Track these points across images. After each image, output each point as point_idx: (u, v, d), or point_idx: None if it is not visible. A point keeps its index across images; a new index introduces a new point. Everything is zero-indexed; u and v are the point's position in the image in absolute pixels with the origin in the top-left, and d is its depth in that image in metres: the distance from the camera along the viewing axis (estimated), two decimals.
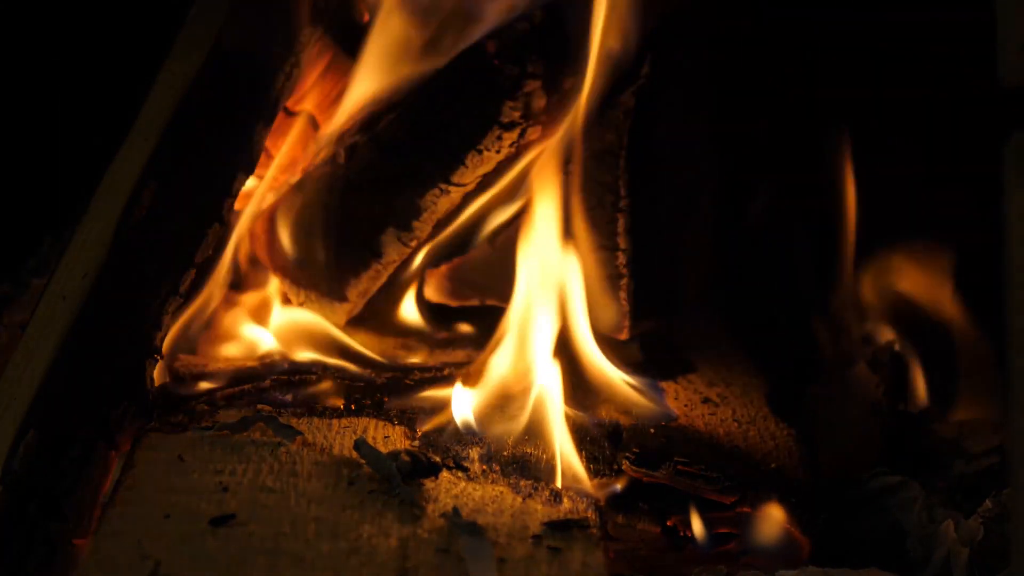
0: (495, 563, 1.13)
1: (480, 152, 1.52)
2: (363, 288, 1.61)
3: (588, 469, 1.37)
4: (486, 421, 1.40)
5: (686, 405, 1.53)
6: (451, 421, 1.41)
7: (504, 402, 1.43)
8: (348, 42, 1.57)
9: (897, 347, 1.68)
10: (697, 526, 1.34)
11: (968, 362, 1.73)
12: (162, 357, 1.42)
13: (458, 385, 1.44)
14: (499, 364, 1.47)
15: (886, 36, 1.77)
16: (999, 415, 1.67)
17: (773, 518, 1.35)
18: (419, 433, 1.41)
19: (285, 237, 1.62)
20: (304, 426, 1.38)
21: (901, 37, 1.77)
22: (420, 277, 1.66)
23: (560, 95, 1.53)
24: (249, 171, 1.46)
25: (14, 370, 1.37)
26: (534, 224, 1.53)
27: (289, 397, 1.49)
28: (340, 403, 1.48)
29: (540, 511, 1.24)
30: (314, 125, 1.62)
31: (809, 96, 1.82)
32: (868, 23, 1.77)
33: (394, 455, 1.27)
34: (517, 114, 1.51)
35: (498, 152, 1.53)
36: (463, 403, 1.41)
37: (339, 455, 1.32)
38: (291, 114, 1.59)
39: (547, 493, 1.28)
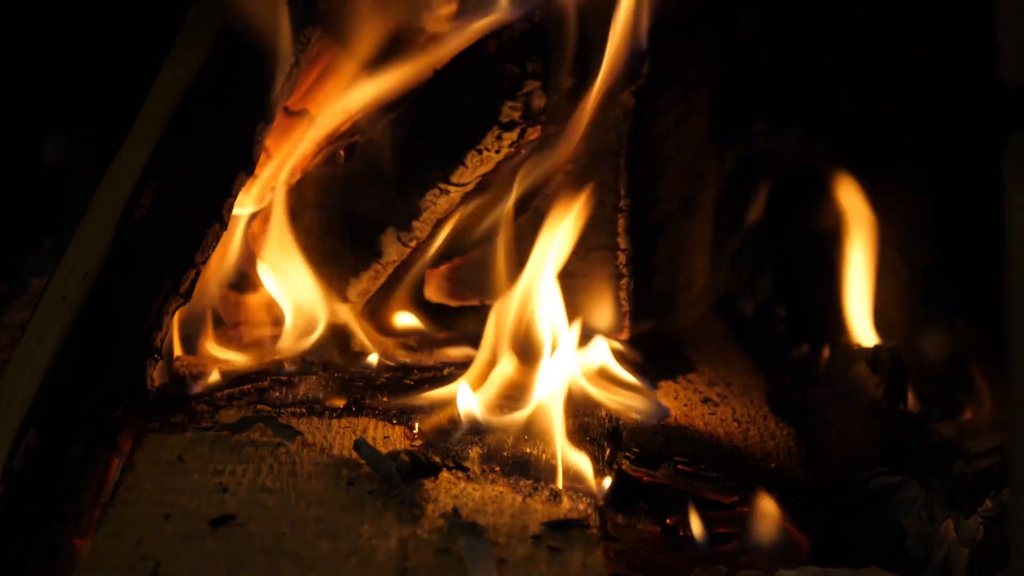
0: (495, 563, 1.13)
1: (480, 152, 1.52)
2: (363, 288, 1.61)
3: (588, 469, 1.37)
4: (488, 418, 1.41)
5: (686, 405, 1.52)
6: (452, 420, 1.41)
7: (506, 401, 1.44)
8: (348, 42, 1.57)
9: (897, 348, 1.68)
10: (696, 525, 1.34)
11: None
12: (162, 357, 1.42)
13: (462, 382, 1.44)
14: (501, 363, 1.48)
15: (885, 35, 1.77)
16: (1000, 415, 1.67)
17: (773, 518, 1.35)
18: (417, 432, 1.41)
19: (285, 237, 1.62)
20: (304, 426, 1.38)
21: (901, 36, 1.77)
22: (420, 277, 1.66)
23: (560, 95, 1.53)
24: (249, 171, 1.46)
25: (14, 370, 1.37)
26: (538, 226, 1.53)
27: (289, 397, 1.49)
28: (340, 403, 1.48)
29: (540, 511, 1.24)
30: (314, 125, 1.62)
31: (808, 96, 1.82)
32: (867, 22, 1.78)
33: (394, 455, 1.27)
34: (517, 114, 1.51)
35: (498, 152, 1.53)
36: (467, 399, 1.41)
37: (339, 455, 1.32)
38: (291, 114, 1.59)
39: (547, 493, 1.28)
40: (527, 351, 1.48)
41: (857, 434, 1.58)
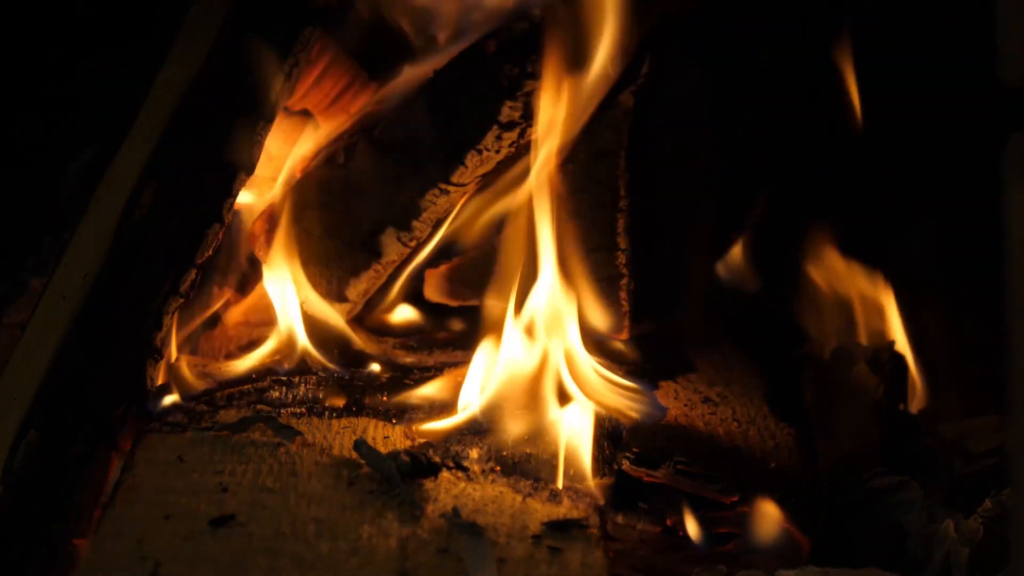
0: (495, 563, 1.13)
1: (480, 152, 1.52)
2: (363, 288, 1.61)
3: (588, 469, 1.37)
4: (489, 418, 1.41)
5: (686, 405, 1.52)
6: (453, 423, 1.41)
7: (507, 401, 1.44)
8: (348, 42, 1.57)
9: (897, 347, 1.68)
10: (691, 525, 1.34)
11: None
12: (162, 357, 1.42)
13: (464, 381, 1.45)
14: (503, 363, 1.48)
15: (885, 36, 1.77)
16: (1000, 415, 1.67)
17: (773, 518, 1.35)
18: (415, 431, 1.41)
19: (285, 237, 1.62)
20: (304, 426, 1.38)
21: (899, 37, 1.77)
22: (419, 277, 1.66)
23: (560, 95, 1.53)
24: (249, 171, 1.46)
25: (14, 370, 1.37)
26: (536, 225, 1.53)
27: (289, 397, 1.49)
28: (340, 403, 1.48)
29: (540, 511, 1.24)
30: (314, 125, 1.62)
31: (809, 98, 1.82)
32: (867, 23, 1.77)
33: (394, 455, 1.27)
34: (517, 114, 1.51)
35: (498, 152, 1.53)
36: (469, 398, 1.42)
37: (339, 455, 1.32)
38: (291, 114, 1.59)
39: (547, 493, 1.28)
40: (527, 350, 1.48)
41: (857, 434, 1.58)
